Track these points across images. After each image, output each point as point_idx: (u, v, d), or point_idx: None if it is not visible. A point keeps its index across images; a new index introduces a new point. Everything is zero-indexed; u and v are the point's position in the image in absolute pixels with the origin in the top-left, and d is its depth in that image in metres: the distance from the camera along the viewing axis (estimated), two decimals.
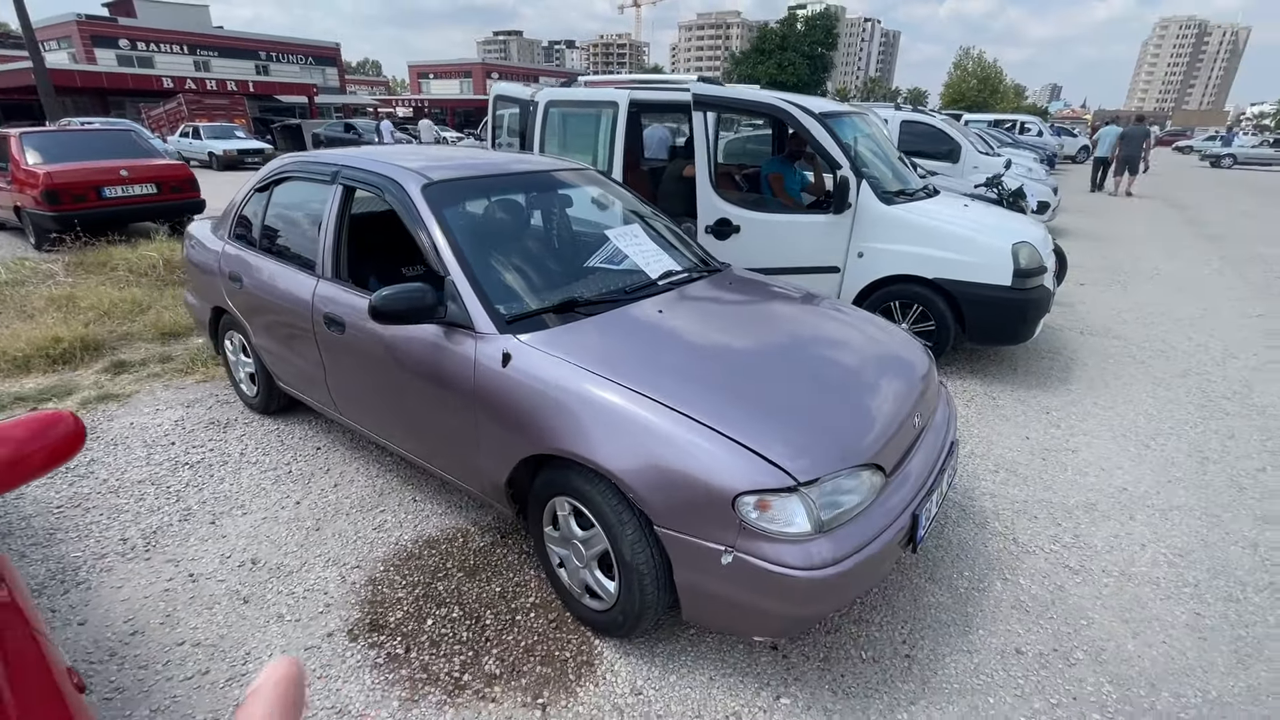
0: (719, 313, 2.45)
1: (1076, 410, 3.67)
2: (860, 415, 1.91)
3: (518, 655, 1.96)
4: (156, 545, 2.42)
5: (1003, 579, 2.32)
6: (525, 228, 2.94)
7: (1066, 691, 1.88)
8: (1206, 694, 1.88)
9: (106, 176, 7.16)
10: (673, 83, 4.98)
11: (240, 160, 17.96)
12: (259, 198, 3.12)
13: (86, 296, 5.01)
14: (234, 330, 3.33)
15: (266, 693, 0.38)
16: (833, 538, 1.63)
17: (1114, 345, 4.74)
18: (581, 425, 1.79)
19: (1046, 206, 7.95)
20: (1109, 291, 6.27)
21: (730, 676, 1.90)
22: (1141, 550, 2.49)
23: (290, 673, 0.40)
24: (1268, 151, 27.35)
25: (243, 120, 24.61)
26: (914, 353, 2.37)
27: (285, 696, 0.39)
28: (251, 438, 3.22)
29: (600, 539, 1.86)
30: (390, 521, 2.59)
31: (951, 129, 8.84)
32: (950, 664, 1.96)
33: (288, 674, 0.40)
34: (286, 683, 0.39)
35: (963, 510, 2.72)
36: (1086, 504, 2.78)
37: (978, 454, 3.18)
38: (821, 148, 3.96)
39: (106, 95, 27.69)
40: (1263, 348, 4.73)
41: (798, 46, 41.79)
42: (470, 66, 59.68)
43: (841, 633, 2.07)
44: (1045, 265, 3.92)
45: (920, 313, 3.99)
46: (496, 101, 5.87)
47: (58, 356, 4.00)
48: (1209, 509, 2.76)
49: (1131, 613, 2.18)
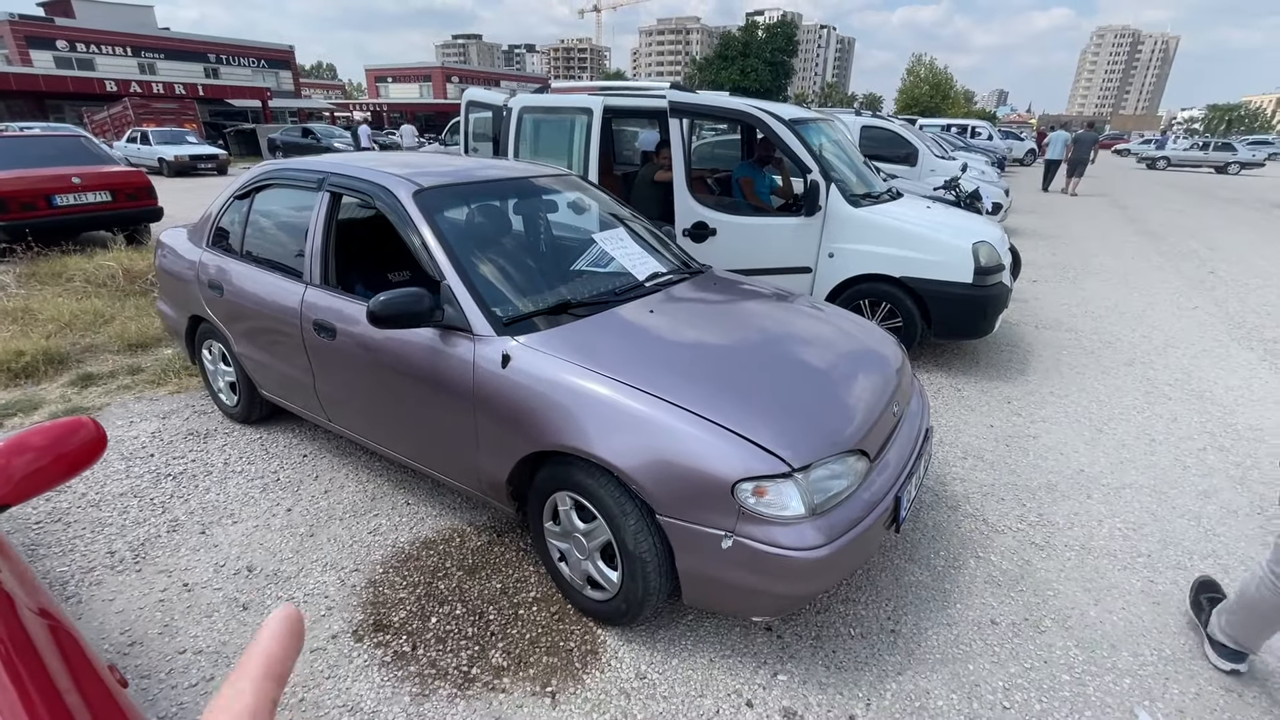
0: (706, 312, 2.55)
1: (1035, 399, 3.90)
2: (844, 405, 2.03)
3: (523, 647, 2.01)
4: (146, 557, 2.39)
5: (976, 557, 2.48)
6: (514, 232, 2.99)
7: (1038, 656, 2.03)
8: (1161, 652, 2.05)
9: (57, 184, 6.87)
10: (647, 89, 5.09)
11: (193, 166, 17.37)
12: (239, 205, 3.10)
13: (44, 308, 4.84)
14: (213, 339, 3.29)
15: (264, 641, 0.40)
16: (825, 520, 1.74)
17: (1066, 338, 5.03)
18: (583, 422, 1.86)
19: (1000, 208, 8.33)
20: (1060, 287, 6.62)
21: (729, 657, 2.00)
22: (1099, 526, 2.69)
23: (285, 624, 0.41)
24: (1197, 154, 29.11)
25: (194, 125, 23.80)
26: (889, 347, 2.51)
27: (280, 641, 0.40)
28: (234, 447, 3.19)
29: (602, 531, 1.93)
30: (385, 525, 2.61)
31: (909, 134, 9.18)
32: (932, 636, 2.10)
33: (283, 624, 0.41)
34: (281, 631, 0.41)
35: (936, 495, 2.88)
36: (1048, 485, 2.98)
37: (947, 442, 3.36)
38: (792, 153, 4.11)
39: (44, 99, 26.45)
40: (1198, 338, 5.09)
41: (759, 53, 42.59)
42: (430, 70, 58.87)
43: (831, 612, 2.19)
44: (1003, 263, 4.16)
45: (888, 310, 4.17)
46: (468, 107, 5.89)
47: (20, 370, 3.86)
48: (1157, 486, 2.99)
49: (1092, 582, 2.35)
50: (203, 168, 17.53)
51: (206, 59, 35.83)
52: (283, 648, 0.40)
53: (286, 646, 0.40)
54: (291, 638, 0.41)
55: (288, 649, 0.40)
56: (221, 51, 36.61)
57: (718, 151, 7.86)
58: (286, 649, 0.40)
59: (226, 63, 36.73)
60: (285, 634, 0.41)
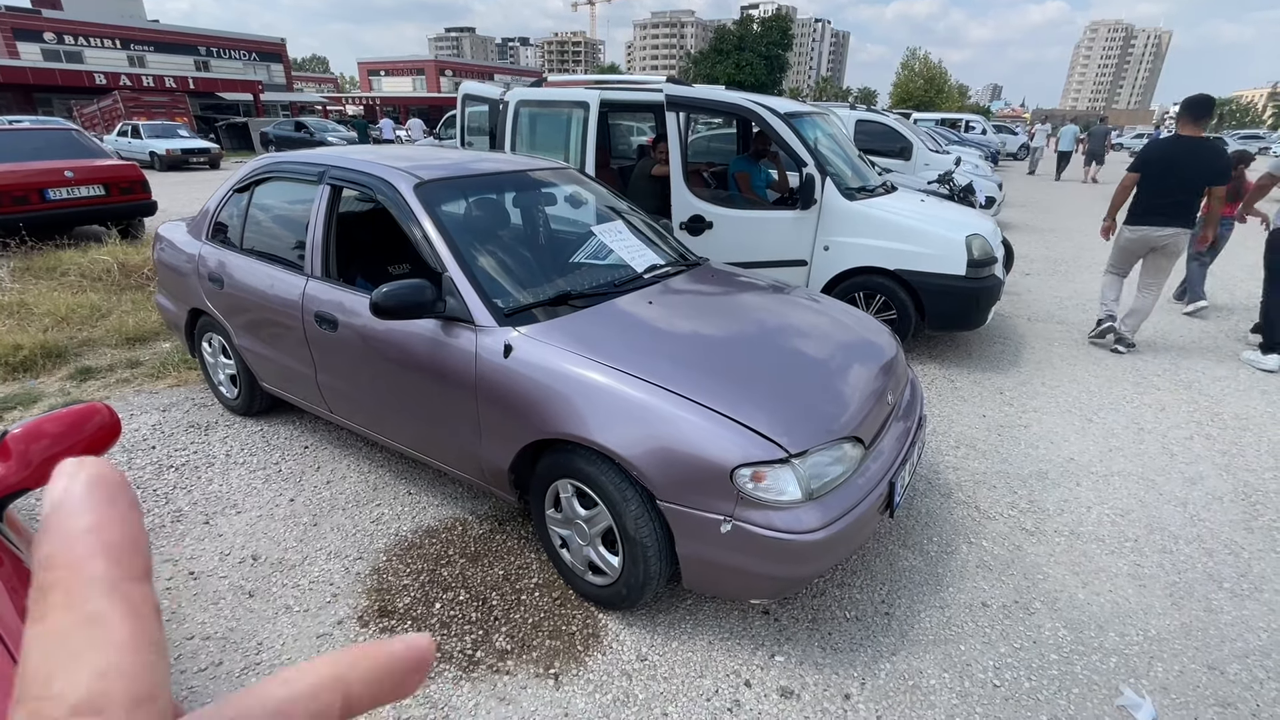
0: (704, 304, 2.59)
1: (1026, 390, 3.96)
2: (840, 394, 2.08)
3: (526, 631, 2.06)
4: (151, 546, 2.41)
5: (968, 542, 2.54)
6: (514, 225, 3.02)
7: (1028, 637, 2.09)
8: (1146, 632, 2.12)
9: (50, 178, 6.83)
10: (643, 83, 5.10)
11: (185, 160, 17.22)
12: (238, 199, 3.11)
13: (40, 302, 4.83)
14: (213, 332, 3.30)
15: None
16: (821, 504, 1.78)
17: (1057, 330, 5.10)
18: (585, 410, 1.90)
19: (993, 201, 8.40)
20: (1051, 280, 6.69)
21: (728, 640, 2.05)
22: (1088, 512, 2.75)
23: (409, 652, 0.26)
24: None
25: (185, 118, 23.60)
26: (883, 337, 2.56)
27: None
28: (235, 439, 3.21)
29: (604, 517, 1.97)
30: (387, 514, 2.64)
31: (903, 128, 9.22)
32: (925, 619, 2.15)
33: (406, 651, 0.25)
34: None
35: (929, 483, 2.93)
36: (1039, 473, 3.04)
37: (940, 431, 3.41)
38: (788, 146, 4.14)
39: (32, 92, 26.15)
40: (1185, 330, 5.17)
41: (754, 47, 42.52)
42: (423, 64, 58.57)
43: (827, 596, 2.24)
44: (995, 256, 4.21)
45: (883, 302, 4.22)
46: (465, 100, 5.89)
47: (18, 364, 3.87)
48: (1145, 473, 3.05)
49: (1081, 566, 2.41)
50: (195, 162, 17.39)
51: (197, 52, 35.48)
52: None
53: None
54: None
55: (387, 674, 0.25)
56: (212, 44, 36.26)
57: (714, 145, 7.88)
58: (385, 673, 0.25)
59: (217, 56, 36.40)
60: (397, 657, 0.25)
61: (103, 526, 0.21)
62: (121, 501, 0.22)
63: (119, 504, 0.22)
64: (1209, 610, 2.21)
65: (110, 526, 0.21)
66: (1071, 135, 17.22)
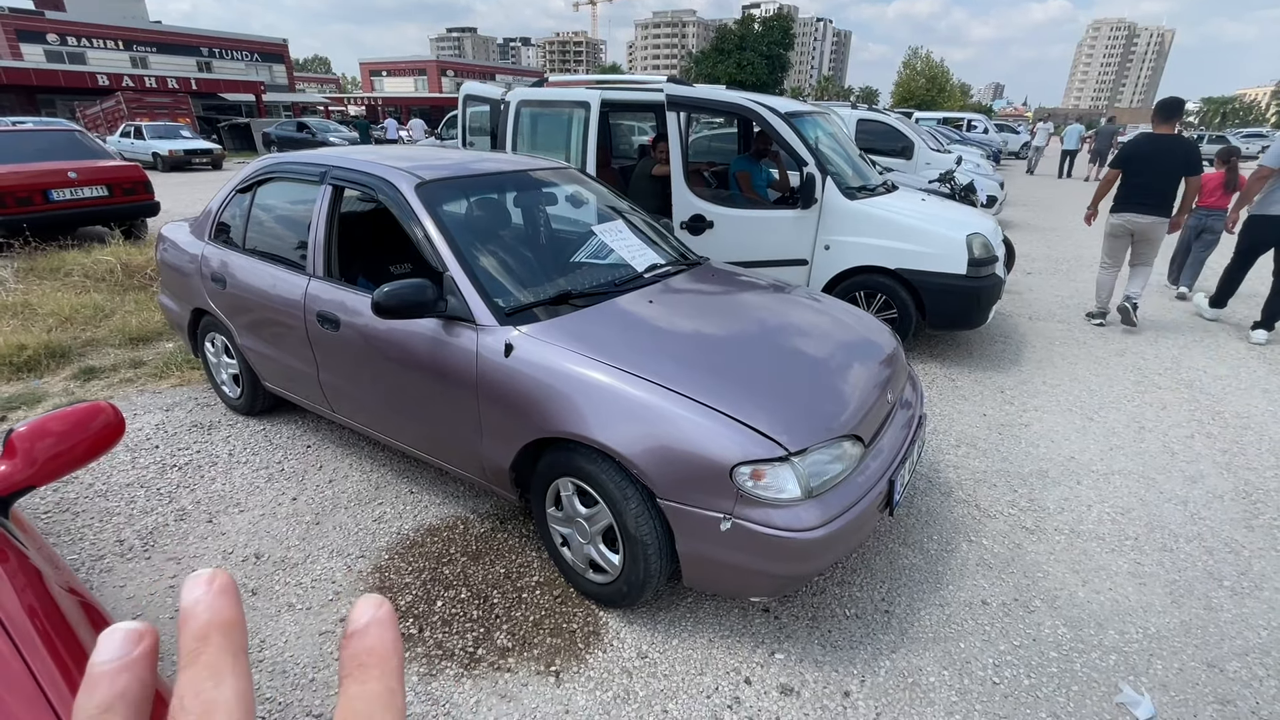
0: (704, 303, 2.60)
1: (1027, 388, 3.96)
2: (840, 392, 2.08)
3: (527, 629, 2.07)
4: (155, 545, 2.44)
5: (968, 540, 2.54)
6: (515, 224, 3.03)
7: (1027, 634, 2.09)
8: (1146, 630, 2.12)
9: (53, 179, 6.86)
10: (644, 83, 5.11)
11: (187, 161, 17.26)
12: (241, 199, 3.12)
13: (44, 303, 4.86)
14: (215, 332, 3.32)
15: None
16: (821, 502, 1.79)
17: (1058, 329, 5.09)
18: (586, 409, 1.91)
19: (994, 200, 8.39)
20: (1053, 279, 6.68)
21: (728, 638, 2.06)
22: (1088, 510, 2.75)
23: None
24: None
25: (188, 119, 23.64)
26: (883, 336, 2.56)
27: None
28: (238, 438, 3.23)
29: (604, 515, 1.98)
30: (389, 513, 2.65)
31: (904, 127, 9.22)
32: (925, 616, 2.16)
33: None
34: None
35: (930, 482, 2.94)
36: (1039, 471, 3.04)
37: (940, 430, 3.42)
38: (789, 146, 4.15)
39: (35, 93, 26.22)
40: (1187, 328, 5.16)
41: (756, 46, 42.50)
42: (425, 64, 58.63)
43: (826, 594, 2.25)
44: (996, 255, 4.21)
45: (884, 301, 4.22)
46: (466, 100, 5.90)
47: (22, 364, 3.89)
48: (1145, 472, 3.05)
49: (1081, 564, 2.42)
50: (197, 163, 17.43)
51: (199, 53, 35.55)
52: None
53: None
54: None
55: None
56: (214, 45, 36.32)
57: (715, 145, 7.88)
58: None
59: (219, 56, 36.46)
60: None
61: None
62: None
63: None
64: (1209, 608, 2.21)
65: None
66: (1076, 134, 17.58)
